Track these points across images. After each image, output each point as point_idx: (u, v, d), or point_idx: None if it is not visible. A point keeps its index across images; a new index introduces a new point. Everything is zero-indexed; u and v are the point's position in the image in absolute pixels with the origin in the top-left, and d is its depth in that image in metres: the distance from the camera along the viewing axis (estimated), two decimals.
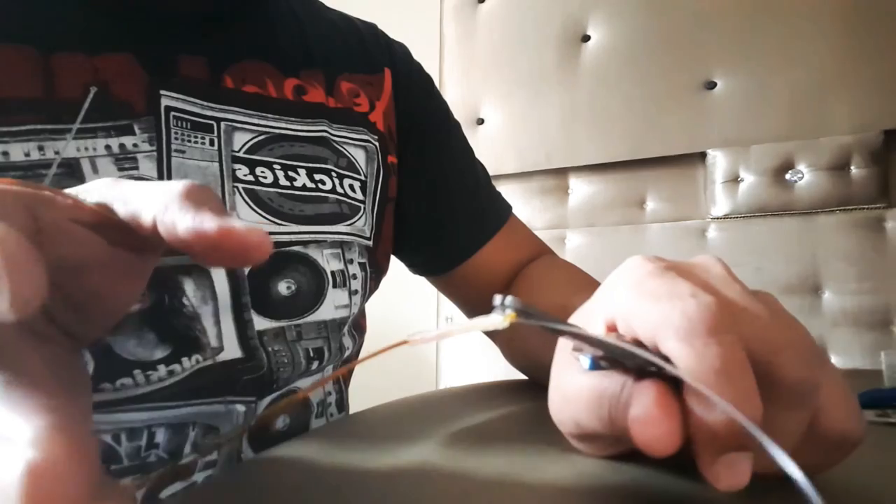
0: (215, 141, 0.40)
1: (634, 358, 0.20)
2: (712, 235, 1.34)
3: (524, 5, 1.55)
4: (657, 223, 1.41)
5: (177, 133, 0.38)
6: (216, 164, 0.40)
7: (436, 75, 1.36)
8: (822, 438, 0.21)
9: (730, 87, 1.32)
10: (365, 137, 0.49)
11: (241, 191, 0.40)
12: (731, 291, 0.21)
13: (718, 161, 1.33)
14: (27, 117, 0.34)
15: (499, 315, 0.18)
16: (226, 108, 0.41)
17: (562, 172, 1.51)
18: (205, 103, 0.40)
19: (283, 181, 0.43)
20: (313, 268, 0.43)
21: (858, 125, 1.21)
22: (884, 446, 0.30)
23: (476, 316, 0.19)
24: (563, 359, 0.25)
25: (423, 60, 0.59)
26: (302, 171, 0.44)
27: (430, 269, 0.59)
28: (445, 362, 1.62)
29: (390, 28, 0.58)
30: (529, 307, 0.19)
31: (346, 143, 0.48)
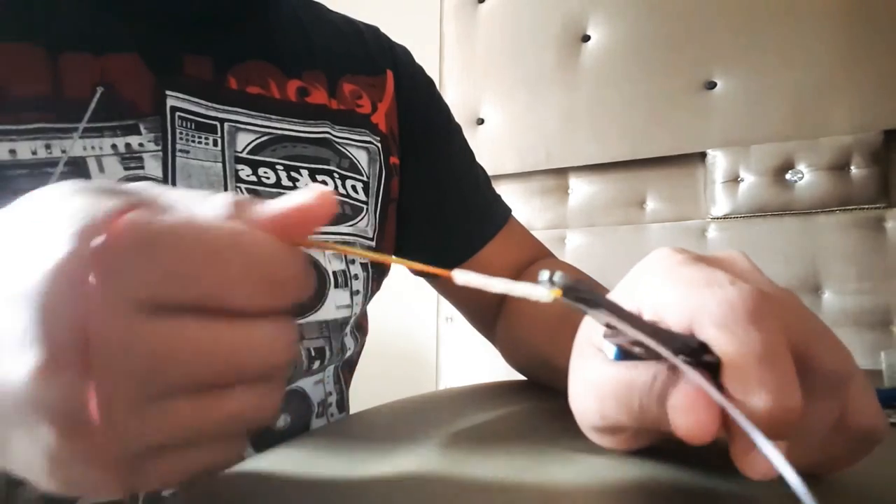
0: (219, 141, 0.40)
1: (680, 344, 0.20)
2: (712, 235, 1.34)
3: (524, 5, 1.55)
4: (657, 223, 1.41)
5: (181, 133, 0.38)
6: (219, 165, 0.40)
7: (436, 75, 1.36)
8: (849, 432, 0.21)
9: (730, 87, 1.32)
10: (367, 139, 0.49)
11: (243, 191, 0.40)
12: (763, 283, 0.21)
13: (718, 161, 1.33)
14: (35, 116, 0.34)
15: (545, 289, 0.18)
16: (229, 108, 0.41)
17: (562, 172, 1.51)
18: (209, 104, 0.40)
19: (285, 182, 0.43)
20: (316, 268, 0.43)
21: (858, 125, 1.21)
22: (884, 446, 0.30)
23: (477, 319, 0.19)
24: (585, 349, 0.25)
25: (423, 61, 0.59)
26: (304, 172, 0.44)
27: None
28: (445, 362, 1.62)
29: (390, 28, 0.58)
30: (578, 283, 0.18)
31: (348, 145, 0.48)
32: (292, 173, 0.43)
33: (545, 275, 0.18)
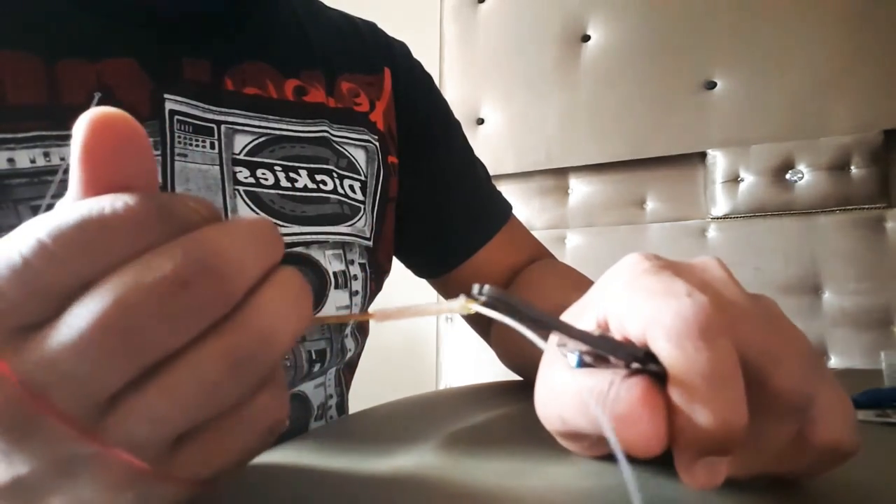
0: (216, 144, 0.40)
1: (615, 352, 0.19)
2: (712, 235, 1.34)
3: (524, 5, 1.55)
4: (657, 223, 1.41)
5: (180, 137, 0.38)
6: (217, 168, 0.40)
7: (436, 75, 1.36)
8: (812, 447, 0.20)
9: (730, 87, 1.32)
10: (365, 137, 0.49)
11: (242, 193, 0.40)
12: (729, 293, 0.20)
13: (718, 161, 1.33)
14: (33, 124, 0.34)
15: (460, 302, 0.18)
16: (226, 110, 0.41)
17: (561, 172, 1.51)
18: (206, 106, 0.40)
19: (284, 182, 0.43)
20: (316, 269, 0.43)
21: (858, 125, 1.21)
22: (884, 446, 0.30)
23: (474, 320, 0.20)
24: (551, 356, 0.25)
25: (423, 60, 0.59)
26: (303, 172, 0.44)
27: (430, 270, 0.59)
28: (445, 362, 1.62)
29: (390, 28, 0.58)
30: (508, 297, 0.18)
31: (346, 144, 0.48)
32: (290, 174, 0.43)
33: (475, 288, 0.18)
